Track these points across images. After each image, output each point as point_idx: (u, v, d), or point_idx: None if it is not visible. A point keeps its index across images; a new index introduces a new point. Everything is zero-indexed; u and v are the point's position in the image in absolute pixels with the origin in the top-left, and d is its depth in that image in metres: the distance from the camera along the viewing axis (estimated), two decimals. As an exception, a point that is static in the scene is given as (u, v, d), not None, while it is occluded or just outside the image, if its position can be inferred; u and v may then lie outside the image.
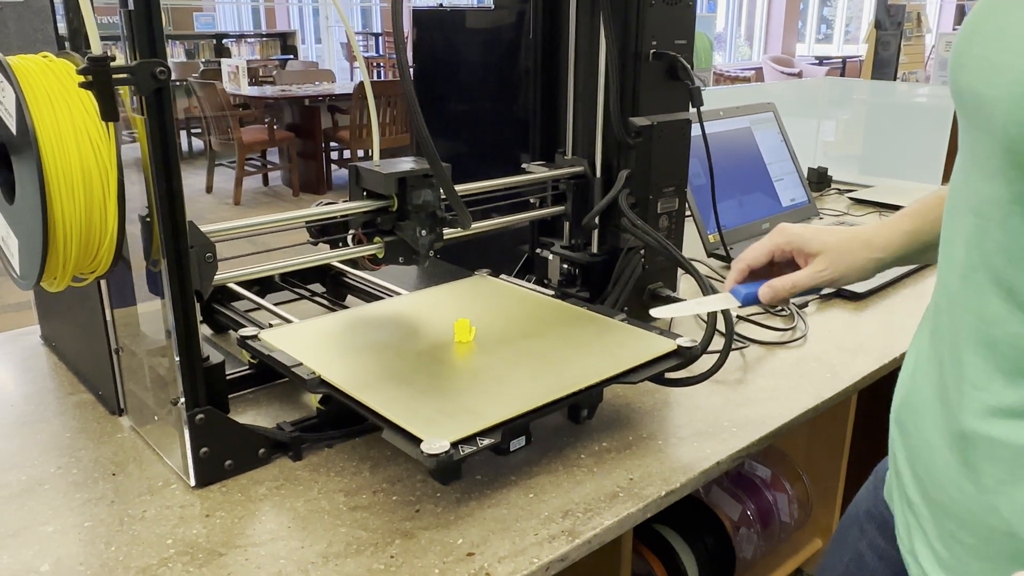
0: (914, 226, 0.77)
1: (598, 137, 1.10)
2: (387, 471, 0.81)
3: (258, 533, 0.72)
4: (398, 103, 5.63)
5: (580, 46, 1.10)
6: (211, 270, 0.79)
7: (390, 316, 0.99)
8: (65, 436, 0.89)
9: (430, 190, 0.93)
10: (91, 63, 0.64)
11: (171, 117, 0.70)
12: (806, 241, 0.77)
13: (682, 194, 1.14)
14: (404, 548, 0.70)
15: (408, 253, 0.95)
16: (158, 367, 0.83)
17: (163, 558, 0.69)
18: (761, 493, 1.31)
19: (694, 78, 1.09)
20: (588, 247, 1.15)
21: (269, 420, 0.89)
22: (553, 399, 0.78)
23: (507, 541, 0.71)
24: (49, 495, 0.78)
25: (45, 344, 1.13)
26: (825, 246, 0.76)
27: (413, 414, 0.73)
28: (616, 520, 0.74)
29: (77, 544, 0.71)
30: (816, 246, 0.76)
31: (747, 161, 1.66)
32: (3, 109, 0.73)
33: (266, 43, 9.20)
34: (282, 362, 0.82)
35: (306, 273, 1.19)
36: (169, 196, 0.72)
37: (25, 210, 0.74)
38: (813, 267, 0.77)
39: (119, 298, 0.88)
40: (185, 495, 0.78)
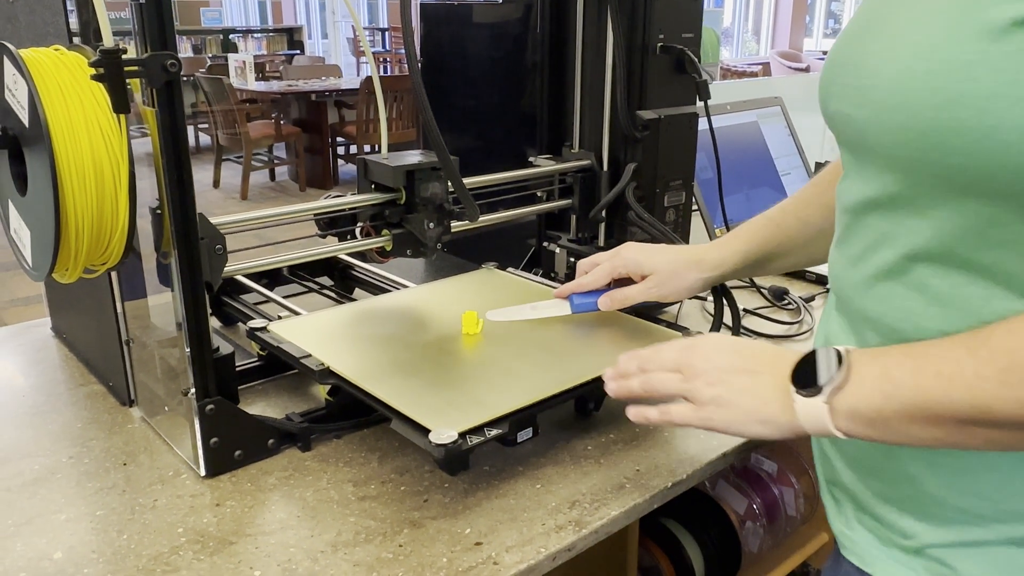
0: (747, 247, 0.87)
1: (605, 130, 1.10)
2: (395, 461, 0.82)
3: (268, 522, 0.73)
4: (404, 98, 5.64)
5: (587, 40, 1.10)
6: (221, 262, 0.80)
7: (398, 308, 0.99)
8: (76, 426, 0.90)
9: (438, 183, 0.93)
10: (103, 56, 0.64)
11: (181, 109, 0.71)
12: (639, 264, 0.89)
13: (689, 188, 1.14)
14: (412, 537, 0.71)
15: (416, 246, 0.96)
16: (169, 358, 0.84)
17: (174, 546, 0.70)
18: (767, 487, 1.31)
19: (701, 72, 1.09)
20: (595, 240, 1.15)
21: (278, 411, 0.89)
22: (560, 391, 0.79)
23: (514, 531, 0.71)
24: (61, 484, 0.79)
25: (56, 336, 1.14)
26: (656, 267, 0.88)
27: (421, 405, 0.74)
28: (623, 511, 0.74)
29: (89, 532, 0.72)
30: (648, 268, 0.88)
31: (754, 155, 1.65)
32: (16, 102, 0.74)
33: (273, 38, 9.21)
34: (291, 353, 0.83)
35: (314, 266, 1.19)
36: (180, 187, 0.72)
37: (37, 202, 0.75)
38: (644, 284, 0.89)
39: (130, 290, 0.88)
40: (196, 485, 0.78)
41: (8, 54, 0.73)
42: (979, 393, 0.50)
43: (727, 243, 0.88)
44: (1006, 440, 0.51)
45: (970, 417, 0.51)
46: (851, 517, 0.65)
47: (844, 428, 0.57)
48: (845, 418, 0.57)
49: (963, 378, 0.50)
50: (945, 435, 0.53)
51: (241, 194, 5.68)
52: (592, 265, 0.92)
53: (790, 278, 1.35)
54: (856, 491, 0.64)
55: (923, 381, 0.52)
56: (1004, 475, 0.54)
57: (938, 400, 0.52)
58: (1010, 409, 0.48)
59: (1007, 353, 0.49)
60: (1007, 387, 0.48)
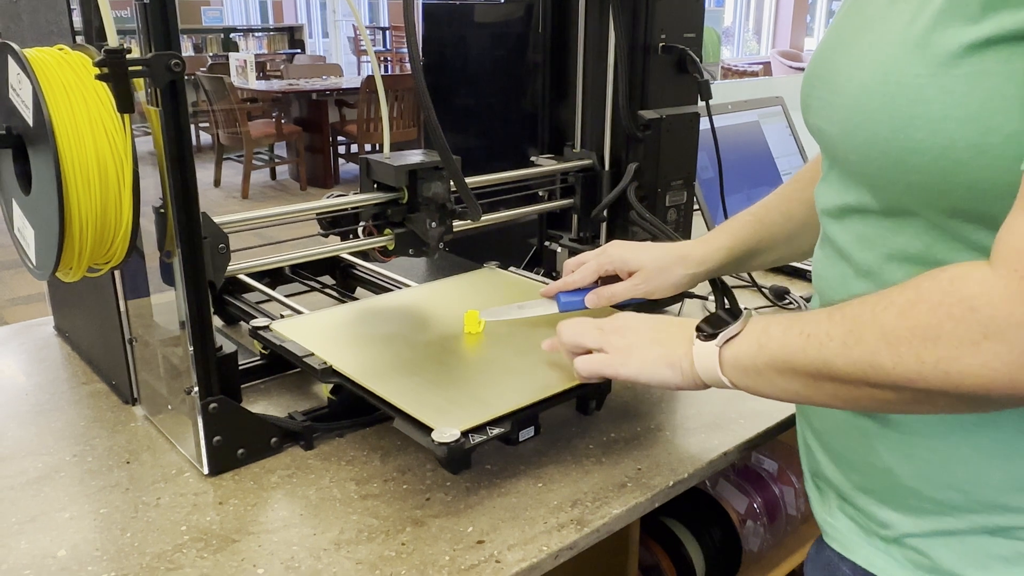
0: (731, 243, 0.88)
1: (607, 130, 1.11)
2: (397, 460, 0.82)
3: (271, 520, 0.73)
4: (405, 97, 5.64)
5: (589, 39, 1.11)
6: (224, 261, 0.80)
7: (400, 307, 1.00)
8: (80, 425, 0.90)
9: (440, 182, 0.93)
10: (108, 55, 0.65)
11: (185, 109, 0.71)
12: (625, 261, 0.88)
13: (690, 187, 1.14)
14: (415, 536, 0.71)
15: (418, 245, 0.96)
16: (171, 357, 0.84)
17: (177, 544, 0.70)
18: (768, 486, 1.31)
19: (703, 71, 1.09)
20: (596, 240, 1.16)
21: (281, 410, 0.90)
22: (562, 389, 0.79)
23: (516, 529, 0.72)
24: (65, 482, 0.79)
25: (59, 334, 1.14)
26: (642, 264, 0.88)
27: (424, 403, 0.74)
28: (624, 509, 0.75)
29: (93, 530, 0.72)
30: (635, 264, 0.88)
31: (755, 155, 1.66)
32: (20, 101, 0.74)
33: (274, 37, 9.21)
34: (294, 352, 0.83)
35: (316, 265, 1.19)
36: (183, 187, 0.72)
37: (41, 201, 0.75)
38: (631, 281, 0.89)
39: (133, 289, 0.89)
40: (199, 483, 0.79)
41: (12, 53, 0.73)
42: (825, 351, 0.55)
43: (712, 239, 0.89)
44: (847, 395, 0.56)
45: (819, 372, 0.56)
46: (834, 507, 0.67)
47: (729, 376, 0.63)
48: (730, 366, 0.63)
49: (817, 337, 0.56)
50: (802, 388, 0.59)
51: (242, 193, 5.68)
52: (579, 264, 0.92)
53: (791, 277, 1.35)
54: (838, 483, 0.66)
55: (789, 338, 0.59)
56: (977, 468, 0.56)
57: (796, 355, 0.58)
58: (846, 366, 0.54)
59: (854, 318, 0.54)
60: (846, 347, 0.54)
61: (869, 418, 0.61)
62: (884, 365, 0.52)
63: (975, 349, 0.48)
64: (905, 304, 0.52)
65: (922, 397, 0.52)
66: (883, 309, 0.53)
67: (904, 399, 0.53)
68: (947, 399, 0.51)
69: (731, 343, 0.63)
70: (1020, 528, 0.56)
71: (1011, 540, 0.56)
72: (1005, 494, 0.55)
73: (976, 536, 0.57)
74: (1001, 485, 0.55)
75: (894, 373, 0.52)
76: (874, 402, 0.55)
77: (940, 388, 0.50)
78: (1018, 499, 0.55)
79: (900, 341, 0.51)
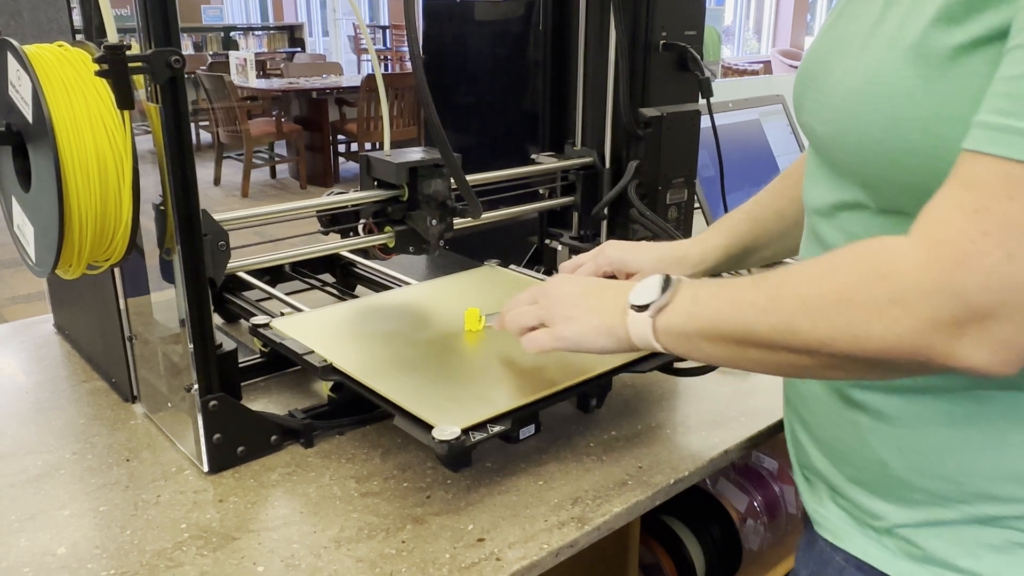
0: (727, 242, 0.89)
1: (607, 128, 1.10)
2: (398, 458, 0.82)
3: (271, 518, 0.73)
4: (405, 96, 5.64)
5: (590, 37, 1.10)
6: (224, 258, 0.80)
7: (400, 305, 0.99)
8: (79, 423, 0.90)
9: (440, 180, 0.93)
10: (107, 51, 0.65)
11: (185, 106, 0.71)
12: (624, 262, 0.88)
13: (691, 185, 1.14)
14: (415, 533, 0.71)
15: (418, 242, 0.96)
16: (171, 354, 0.84)
17: (178, 542, 0.70)
18: (768, 485, 1.31)
19: (704, 69, 1.09)
20: (597, 238, 1.15)
21: (281, 408, 0.89)
22: (562, 387, 0.79)
23: (517, 527, 0.71)
24: (65, 480, 0.79)
25: (58, 332, 1.14)
26: (641, 265, 0.88)
27: (424, 401, 0.74)
28: (625, 507, 0.75)
29: (93, 528, 0.72)
30: (635, 265, 0.88)
31: (756, 153, 1.65)
32: (19, 98, 0.74)
33: (274, 36, 9.21)
34: (294, 350, 0.83)
35: (316, 263, 1.19)
36: (183, 184, 0.72)
37: (41, 198, 0.75)
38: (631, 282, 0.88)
39: (132, 287, 0.88)
40: (199, 481, 0.79)
41: (12, 50, 0.73)
42: (749, 317, 0.58)
43: (708, 238, 0.90)
44: (769, 360, 0.58)
45: (744, 337, 0.58)
46: (825, 498, 0.68)
47: (663, 342, 0.65)
48: (663, 334, 0.65)
49: (742, 304, 0.58)
50: (730, 353, 0.61)
51: (242, 192, 5.68)
52: (575, 267, 0.92)
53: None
54: (829, 475, 0.67)
55: (718, 305, 0.61)
56: (967, 459, 0.57)
57: (723, 322, 0.60)
58: (768, 331, 0.56)
59: (775, 286, 0.57)
60: (767, 313, 0.56)
61: (862, 412, 0.62)
62: (800, 330, 0.54)
63: (881, 314, 0.49)
64: (824, 271, 0.54)
65: (836, 362, 0.54)
66: (804, 276, 0.55)
67: (820, 364, 0.55)
68: (857, 364, 0.53)
69: (663, 312, 0.65)
70: (1009, 517, 0.56)
71: (1001, 529, 0.57)
72: (995, 484, 0.56)
73: (967, 526, 0.58)
74: (991, 476, 0.56)
75: (809, 337, 0.53)
76: (793, 367, 0.58)
77: (850, 352, 0.52)
78: (1007, 489, 0.56)
79: (815, 306, 0.53)
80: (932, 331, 0.48)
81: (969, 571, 0.58)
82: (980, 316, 0.46)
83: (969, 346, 0.47)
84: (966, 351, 0.47)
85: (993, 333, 0.46)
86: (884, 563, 0.62)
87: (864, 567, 0.63)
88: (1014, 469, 0.55)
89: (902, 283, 0.49)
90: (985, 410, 0.56)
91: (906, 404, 0.59)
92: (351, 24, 10.99)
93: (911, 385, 0.59)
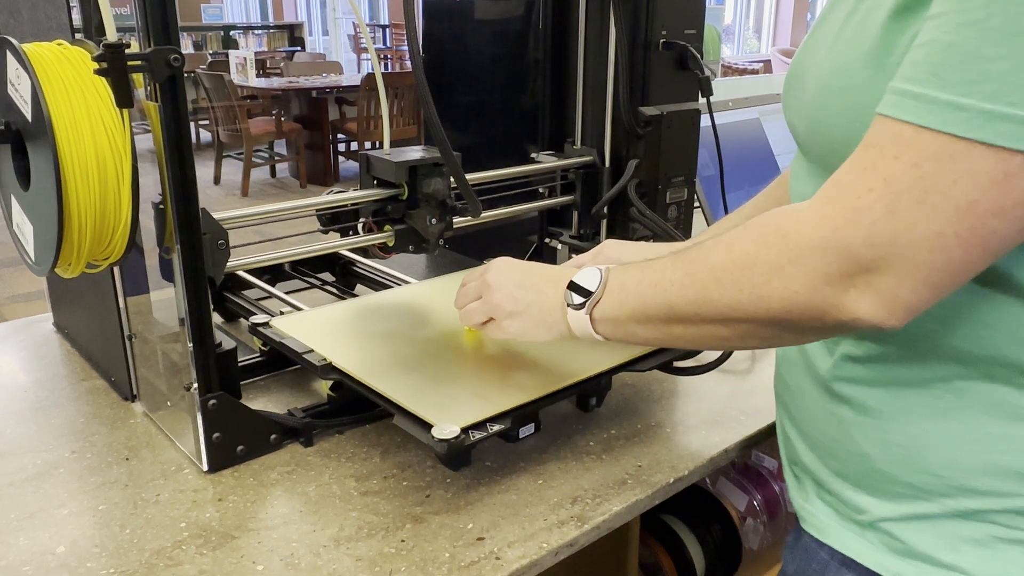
0: None
1: (607, 127, 1.10)
2: (397, 457, 0.82)
3: (270, 517, 0.73)
4: (405, 95, 5.63)
5: (589, 35, 1.10)
6: (223, 257, 0.80)
7: (400, 304, 0.99)
8: (79, 421, 0.90)
9: (440, 178, 0.93)
10: (107, 50, 0.64)
11: (184, 104, 0.71)
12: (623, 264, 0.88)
13: (691, 184, 1.14)
14: (415, 532, 0.71)
15: (418, 241, 0.96)
16: (171, 353, 0.84)
17: (177, 541, 0.70)
18: (768, 484, 1.31)
19: (704, 67, 1.08)
20: (597, 237, 1.15)
21: (280, 407, 0.89)
22: (562, 386, 0.79)
23: (516, 526, 0.71)
24: (64, 478, 0.79)
25: (58, 331, 1.14)
26: None
27: (423, 400, 0.74)
28: (625, 506, 0.75)
29: (92, 527, 0.72)
30: None
31: (756, 152, 1.65)
32: (19, 96, 0.74)
33: (273, 35, 9.20)
34: (293, 349, 0.83)
35: (315, 262, 1.19)
36: (183, 182, 0.72)
37: (40, 196, 0.75)
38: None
39: (132, 285, 0.88)
40: (198, 479, 0.78)
41: (11, 48, 0.73)
42: (669, 295, 0.61)
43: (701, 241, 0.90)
44: (692, 335, 0.62)
45: (667, 316, 0.62)
46: (811, 493, 0.69)
47: (601, 332, 0.69)
48: (600, 324, 0.69)
49: (662, 284, 0.62)
50: (658, 333, 0.65)
51: (242, 190, 5.67)
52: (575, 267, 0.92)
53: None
54: (815, 470, 0.68)
55: (641, 289, 0.65)
56: (949, 452, 0.58)
57: (648, 304, 0.64)
58: (686, 306, 0.60)
59: (691, 262, 0.60)
60: (684, 287, 0.60)
61: (846, 405, 0.63)
62: (713, 298, 0.57)
63: (780, 272, 0.53)
64: (734, 238, 0.57)
65: (750, 329, 0.57)
66: (716, 247, 0.58)
67: (736, 333, 0.58)
68: (768, 328, 0.56)
69: (597, 305, 0.68)
70: (990, 511, 0.57)
71: (981, 523, 0.57)
72: (976, 478, 0.57)
73: (948, 520, 0.58)
74: (972, 469, 0.57)
75: (721, 304, 0.57)
76: (715, 339, 0.61)
77: (757, 314, 0.55)
78: (988, 483, 0.56)
79: (724, 272, 0.57)
80: (824, 285, 0.51)
81: (950, 565, 0.58)
82: (866, 270, 0.49)
83: (857, 299, 0.50)
84: (855, 304, 0.50)
85: (878, 286, 0.49)
86: (867, 557, 0.62)
87: (848, 562, 0.63)
88: (994, 462, 0.56)
89: (798, 241, 0.52)
90: (965, 402, 0.56)
91: (888, 397, 0.60)
92: (351, 23, 10.99)
93: (893, 378, 0.59)
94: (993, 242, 0.47)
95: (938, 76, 0.46)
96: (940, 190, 0.46)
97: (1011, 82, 0.44)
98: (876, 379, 0.60)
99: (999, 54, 0.44)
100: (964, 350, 0.55)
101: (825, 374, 0.64)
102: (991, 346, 0.54)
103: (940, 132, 0.46)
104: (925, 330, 0.56)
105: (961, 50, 0.45)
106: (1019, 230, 0.47)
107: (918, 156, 0.47)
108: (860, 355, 0.61)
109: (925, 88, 0.47)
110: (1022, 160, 0.44)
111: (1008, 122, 0.44)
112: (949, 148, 0.46)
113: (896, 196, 0.47)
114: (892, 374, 0.59)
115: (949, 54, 0.46)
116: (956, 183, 0.46)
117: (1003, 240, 0.47)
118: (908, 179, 0.47)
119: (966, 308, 0.54)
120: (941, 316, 0.55)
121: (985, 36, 0.44)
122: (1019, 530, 0.56)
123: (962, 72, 0.45)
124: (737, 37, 11.49)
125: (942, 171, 0.46)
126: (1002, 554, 0.57)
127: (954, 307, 0.54)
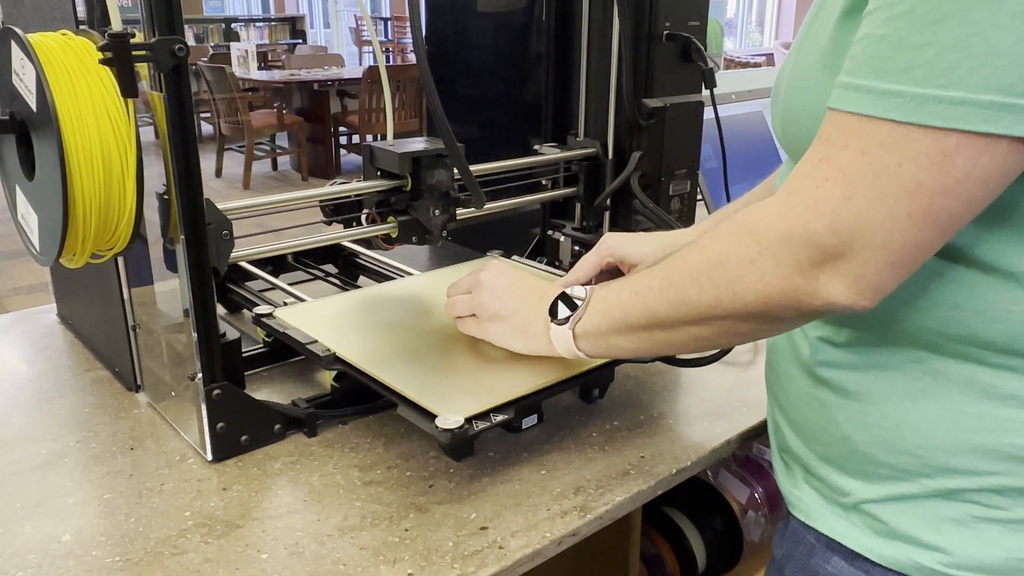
0: None
1: (610, 119, 1.10)
2: (401, 447, 0.82)
3: (274, 506, 0.73)
4: (407, 88, 5.62)
5: (593, 27, 1.10)
6: (228, 247, 0.80)
7: (403, 295, 0.99)
8: (83, 411, 0.90)
9: (444, 170, 0.93)
10: (111, 39, 0.65)
11: (189, 94, 0.71)
12: (626, 254, 0.90)
13: (694, 177, 1.14)
14: (418, 522, 0.71)
15: (421, 233, 0.96)
16: (175, 343, 0.84)
17: (182, 529, 0.70)
18: (769, 477, 1.32)
19: (707, 59, 1.08)
20: (600, 229, 1.15)
21: (284, 397, 0.90)
22: (565, 377, 0.79)
23: (520, 516, 0.72)
24: (69, 468, 0.79)
25: (62, 322, 1.14)
26: (643, 257, 0.89)
27: (427, 390, 0.74)
28: (627, 497, 0.75)
29: (97, 515, 0.72)
30: (636, 258, 0.90)
31: (759, 145, 1.65)
32: (23, 86, 0.74)
33: (275, 27, 9.19)
34: (297, 339, 0.83)
35: (318, 254, 1.19)
36: (187, 173, 0.72)
37: (45, 187, 0.75)
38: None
39: (136, 276, 0.89)
40: (202, 469, 0.79)
41: (16, 38, 0.73)
42: (649, 302, 0.64)
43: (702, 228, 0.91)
44: (673, 340, 0.64)
45: (648, 323, 0.64)
46: (799, 479, 0.70)
47: (582, 347, 0.72)
48: (582, 340, 0.71)
49: (643, 292, 0.64)
50: (639, 342, 0.67)
51: (244, 183, 5.67)
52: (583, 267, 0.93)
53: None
54: (802, 455, 0.69)
55: (622, 300, 0.67)
56: (926, 432, 0.59)
57: (629, 313, 0.66)
58: (667, 310, 0.62)
59: (668, 266, 0.63)
60: (663, 292, 0.62)
61: (828, 389, 0.64)
62: (691, 299, 0.60)
63: (753, 267, 0.55)
64: (708, 240, 0.59)
65: (729, 326, 0.59)
66: (689, 251, 0.61)
67: (716, 332, 0.60)
68: (746, 323, 0.58)
69: (580, 321, 0.71)
70: (969, 491, 0.58)
71: (961, 503, 0.58)
72: (953, 457, 0.58)
73: (928, 500, 0.59)
74: (950, 448, 0.58)
75: (700, 303, 0.59)
76: (696, 340, 0.63)
77: (735, 310, 0.57)
78: (965, 461, 0.57)
79: (700, 272, 0.59)
80: (794, 275, 0.53)
81: (932, 545, 0.59)
82: (831, 256, 0.51)
83: (828, 285, 0.52)
84: (826, 289, 0.52)
85: (845, 271, 0.51)
86: (851, 539, 0.63)
87: (833, 545, 0.64)
88: (971, 440, 0.57)
89: (766, 235, 0.54)
90: (941, 383, 0.57)
91: (868, 380, 0.61)
92: (352, 16, 10.97)
93: (872, 361, 0.60)
94: (943, 220, 0.49)
95: (874, 67, 0.49)
96: (888, 174, 0.48)
97: (938, 66, 0.46)
98: (856, 363, 0.62)
99: (925, 41, 0.46)
100: (935, 330, 0.56)
101: (808, 359, 0.65)
102: (961, 326, 0.55)
103: (882, 119, 0.48)
104: (898, 314, 0.57)
105: (892, 41, 0.48)
106: (967, 207, 0.49)
107: (865, 144, 0.49)
108: (840, 341, 0.62)
109: (865, 79, 0.49)
110: (957, 139, 0.46)
111: (939, 103, 0.46)
112: (891, 134, 0.48)
113: (850, 183, 0.50)
114: (871, 357, 0.61)
115: (882, 46, 0.48)
116: (901, 166, 0.48)
117: (954, 218, 0.49)
118: (859, 166, 0.49)
119: (934, 289, 0.56)
120: (910, 299, 0.56)
121: (911, 26, 0.47)
122: (997, 508, 0.57)
123: (895, 61, 0.48)
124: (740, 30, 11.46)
125: (888, 156, 0.48)
126: (981, 533, 0.58)
127: (922, 288, 0.56)
